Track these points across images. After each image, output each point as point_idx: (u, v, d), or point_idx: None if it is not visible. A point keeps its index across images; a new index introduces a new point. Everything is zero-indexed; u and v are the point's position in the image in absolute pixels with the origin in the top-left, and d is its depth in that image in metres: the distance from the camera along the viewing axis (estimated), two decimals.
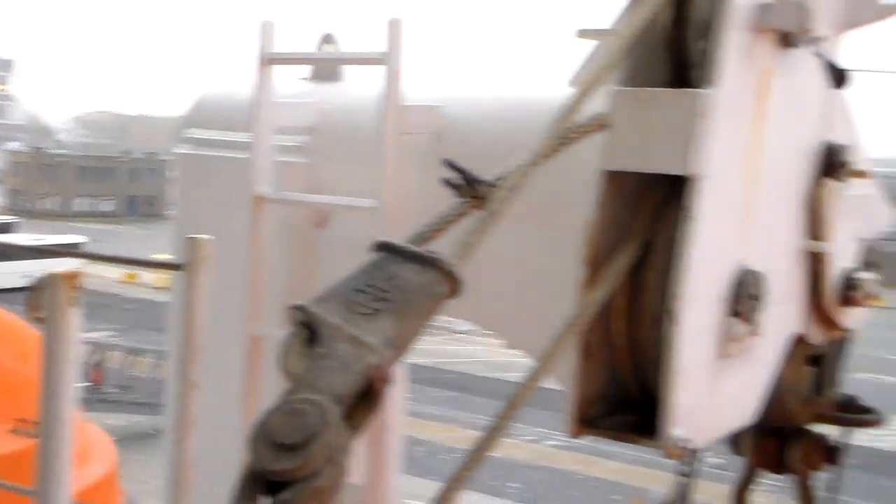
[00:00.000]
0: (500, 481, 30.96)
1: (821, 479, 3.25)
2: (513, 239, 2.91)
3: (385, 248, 2.13)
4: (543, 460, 34.34)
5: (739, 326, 2.48)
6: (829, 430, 3.20)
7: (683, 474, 3.25)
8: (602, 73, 2.35)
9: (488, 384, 40.16)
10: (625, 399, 2.58)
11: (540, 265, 3.30)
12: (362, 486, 3.57)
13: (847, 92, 2.76)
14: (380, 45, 3.50)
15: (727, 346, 2.48)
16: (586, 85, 2.36)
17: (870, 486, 33.57)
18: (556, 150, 2.40)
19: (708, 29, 2.38)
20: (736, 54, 2.36)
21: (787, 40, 2.46)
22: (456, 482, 2.19)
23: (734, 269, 2.47)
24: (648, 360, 2.50)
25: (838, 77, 2.69)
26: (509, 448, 32.52)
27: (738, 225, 2.47)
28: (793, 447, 3.17)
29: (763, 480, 3.35)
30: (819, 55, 2.62)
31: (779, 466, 3.22)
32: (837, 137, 2.73)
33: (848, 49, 2.81)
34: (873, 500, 32.52)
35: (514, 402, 2.28)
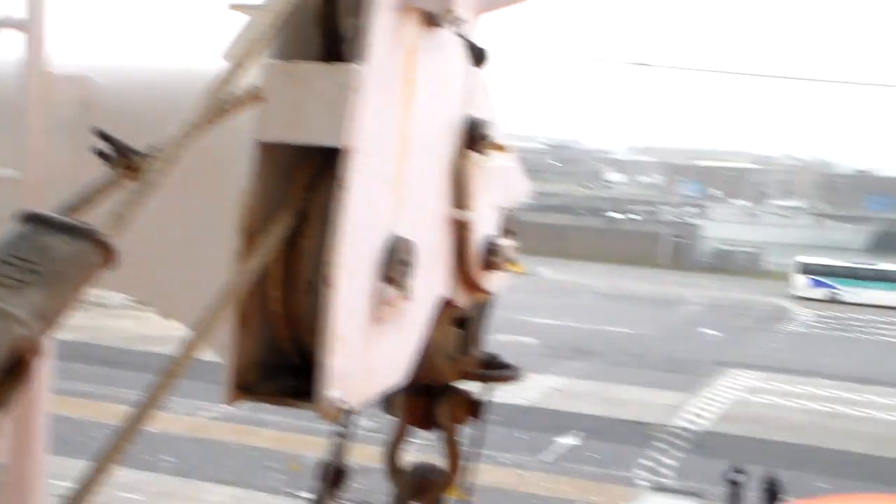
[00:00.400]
0: (154, 455, 30.29)
1: (466, 433, 3.45)
2: (167, 209, 2.88)
3: (32, 218, 2.06)
4: (198, 432, 33.91)
5: (391, 291, 2.59)
6: (474, 387, 3.40)
7: (339, 435, 3.35)
8: (255, 47, 2.38)
9: (142, 358, 39.06)
10: (282, 364, 2.63)
11: (195, 235, 3.28)
12: (7, 465, 3.42)
13: (486, 70, 2.94)
14: (20, 10, 3.35)
15: (380, 310, 2.58)
16: (240, 58, 2.38)
17: (507, 439, 35.73)
18: (212, 122, 2.41)
19: (358, 7, 2.46)
20: (384, 32, 2.45)
21: (431, 20, 2.58)
22: (106, 459, 2.15)
23: (386, 237, 2.57)
24: (305, 325, 2.57)
25: (478, 56, 2.86)
26: (163, 422, 31.82)
27: (388, 195, 2.58)
28: (441, 404, 3.35)
29: (414, 439, 3.51)
30: (460, 35, 2.78)
31: (428, 423, 3.38)
32: (478, 113, 2.90)
33: (486, 30, 2.99)
34: (510, 451, 34.64)
35: (169, 374, 2.28)
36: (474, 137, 2.87)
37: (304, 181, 2.57)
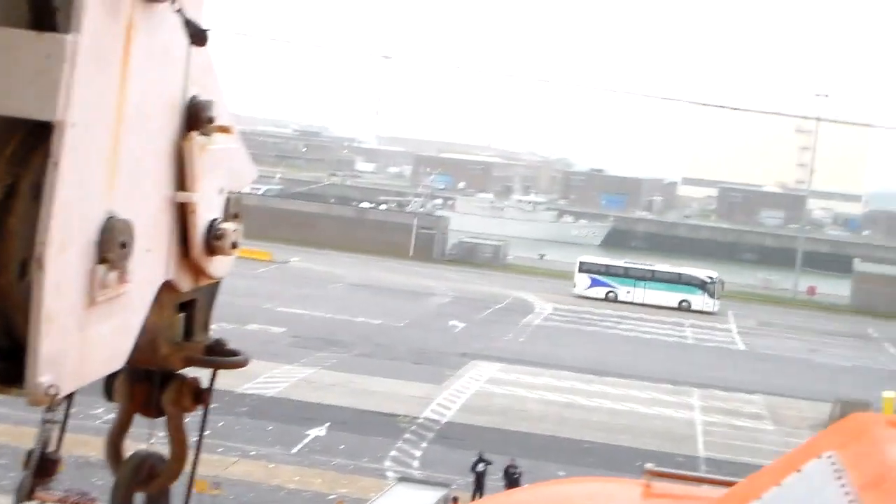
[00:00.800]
0: None
1: (192, 419, 3.39)
2: None
3: None
4: None
5: (108, 274, 2.52)
6: (200, 373, 3.35)
7: (50, 422, 3.23)
8: None
9: None
10: None
11: None
12: None
13: (210, 51, 2.90)
14: None
15: (96, 292, 2.51)
16: None
17: (255, 430, 35.48)
18: None
19: None
20: (98, 4, 2.38)
21: None
22: None
23: (102, 217, 2.50)
24: (14, 307, 2.46)
25: (198, 36, 2.81)
26: None
27: (105, 173, 2.51)
28: (165, 390, 3.28)
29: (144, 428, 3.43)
30: (179, 13, 2.72)
31: (152, 410, 3.31)
32: (202, 93, 2.86)
33: (212, 11, 2.94)
34: (258, 443, 34.41)
35: None
36: (198, 119, 2.83)
37: (9, 155, 2.46)
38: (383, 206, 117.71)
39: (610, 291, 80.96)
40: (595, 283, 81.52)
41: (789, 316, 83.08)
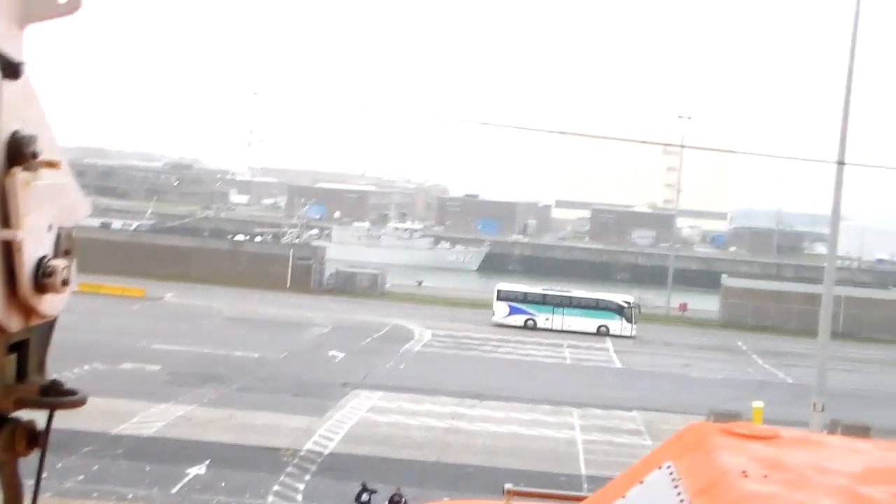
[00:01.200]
0: None
1: (26, 463, 3.28)
2: None
3: None
4: None
5: None
6: (35, 415, 3.24)
7: None
8: None
9: None
10: None
11: None
12: None
13: (34, 84, 2.83)
14: None
15: None
16: None
17: (132, 472, 34.65)
18: None
19: None
20: None
21: None
22: None
23: None
24: None
25: (10, 68, 2.73)
26: None
27: None
28: None
29: None
30: None
31: None
32: (25, 128, 2.78)
33: (30, 42, 2.87)
34: (136, 485, 33.58)
35: None
36: (20, 154, 2.75)
37: None
38: (259, 238, 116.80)
39: (529, 319, 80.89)
40: (514, 311, 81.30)
41: (663, 332, 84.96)
